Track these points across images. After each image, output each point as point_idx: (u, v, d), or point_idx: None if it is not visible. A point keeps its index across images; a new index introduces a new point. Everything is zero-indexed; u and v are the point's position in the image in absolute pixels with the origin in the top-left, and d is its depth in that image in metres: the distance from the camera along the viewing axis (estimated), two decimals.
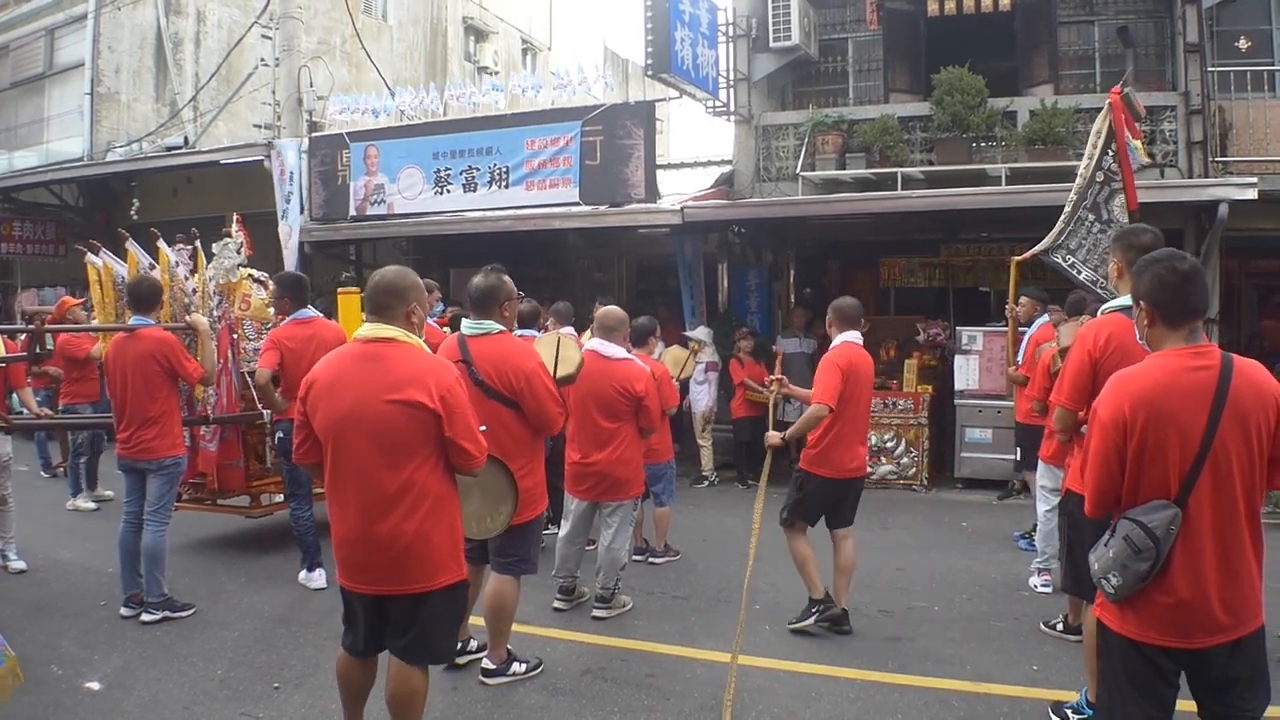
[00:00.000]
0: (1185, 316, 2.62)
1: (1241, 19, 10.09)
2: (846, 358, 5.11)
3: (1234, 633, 2.56)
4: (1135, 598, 2.59)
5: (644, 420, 5.46)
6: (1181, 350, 2.61)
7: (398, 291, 3.41)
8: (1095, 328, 3.67)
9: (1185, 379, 2.57)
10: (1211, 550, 2.54)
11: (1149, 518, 2.54)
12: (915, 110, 10.39)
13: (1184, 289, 2.61)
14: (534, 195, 10.78)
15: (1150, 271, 2.67)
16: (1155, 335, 2.69)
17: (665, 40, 9.63)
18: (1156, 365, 2.64)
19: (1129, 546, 2.55)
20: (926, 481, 9.55)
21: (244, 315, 6.97)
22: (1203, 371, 2.57)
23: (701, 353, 9.82)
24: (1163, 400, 2.56)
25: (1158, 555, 2.52)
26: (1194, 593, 2.53)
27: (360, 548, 3.31)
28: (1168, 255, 2.70)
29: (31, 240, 15.76)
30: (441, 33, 20.33)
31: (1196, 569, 2.54)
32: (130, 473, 5.58)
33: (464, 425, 3.35)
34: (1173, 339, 2.64)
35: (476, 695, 4.41)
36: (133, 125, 15.57)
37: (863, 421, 5.28)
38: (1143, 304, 2.69)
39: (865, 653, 4.94)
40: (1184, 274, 2.62)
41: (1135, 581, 2.56)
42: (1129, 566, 2.56)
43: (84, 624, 5.44)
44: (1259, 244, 10.00)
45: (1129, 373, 2.69)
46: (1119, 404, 2.60)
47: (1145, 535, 2.53)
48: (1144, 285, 2.68)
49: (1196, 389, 2.55)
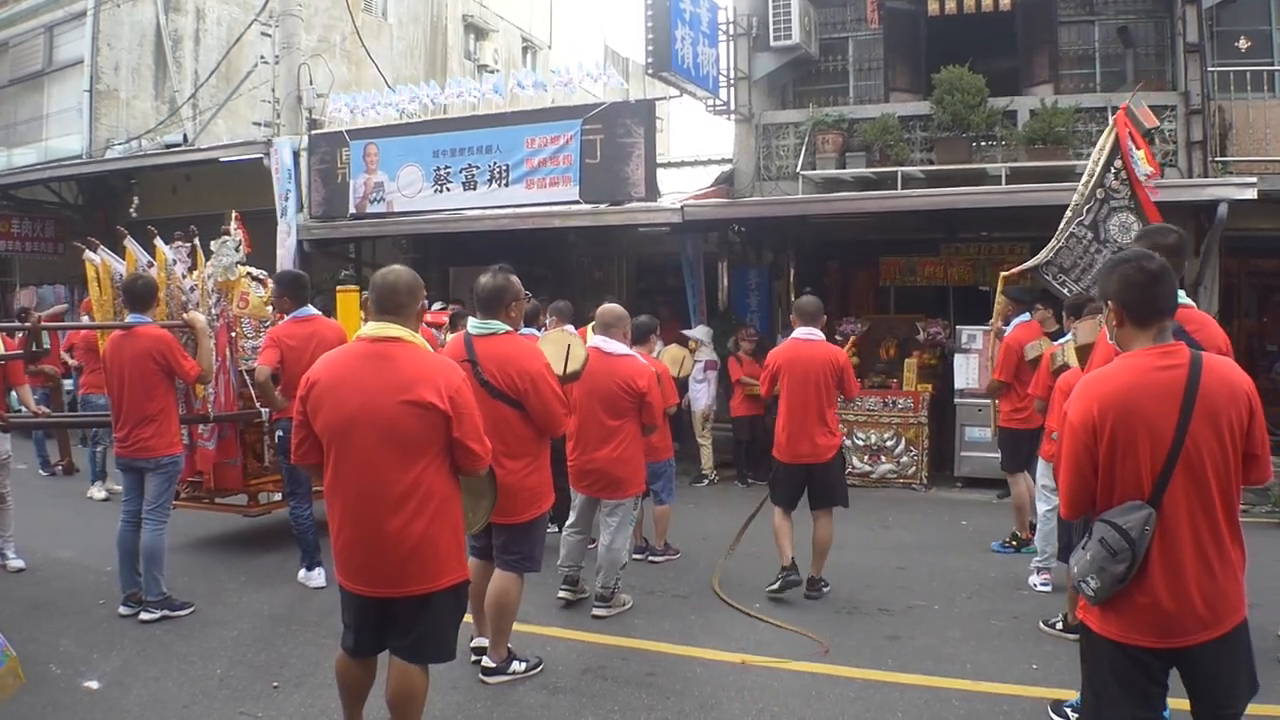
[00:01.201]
0: (1153, 317, 2.63)
1: (1241, 19, 10.09)
2: (781, 354, 5.78)
3: (1217, 629, 2.56)
4: (1116, 599, 2.59)
5: (647, 417, 5.48)
6: (1150, 350, 2.62)
7: (413, 291, 3.42)
8: None
9: (1154, 379, 2.57)
10: (1190, 548, 2.54)
11: (1123, 519, 2.55)
12: (915, 109, 10.40)
13: (1151, 289, 2.62)
14: (534, 194, 10.77)
15: (1118, 271, 2.68)
16: (1125, 335, 2.69)
17: (666, 39, 9.63)
18: (1125, 366, 2.65)
19: (1104, 549, 2.56)
20: (926, 480, 9.55)
21: (242, 313, 6.96)
22: (1171, 370, 2.57)
23: (700, 351, 9.82)
24: (1131, 401, 2.56)
25: (1134, 556, 2.52)
26: (1174, 592, 2.54)
27: (364, 549, 3.29)
28: (1136, 255, 2.71)
29: (30, 238, 15.73)
30: (441, 30, 20.30)
31: (1175, 568, 2.54)
32: (129, 471, 5.58)
33: (472, 426, 3.35)
34: (1141, 339, 2.64)
35: (477, 694, 4.40)
36: (132, 123, 15.54)
37: (810, 411, 5.64)
38: (1111, 304, 2.70)
39: (865, 651, 4.94)
40: (1152, 274, 2.62)
41: (1113, 584, 2.56)
42: (1105, 569, 2.56)
43: (83, 623, 5.43)
44: (1259, 244, 10.01)
45: (1097, 374, 2.71)
46: (1088, 406, 2.61)
47: (1120, 537, 2.53)
48: (1112, 285, 2.68)
49: (1165, 388, 2.56)
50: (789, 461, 5.74)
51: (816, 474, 5.72)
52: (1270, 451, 2.69)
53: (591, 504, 5.60)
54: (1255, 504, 8.15)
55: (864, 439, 9.71)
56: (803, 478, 5.75)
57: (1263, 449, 2.62)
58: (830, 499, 5.75)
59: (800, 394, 5.64)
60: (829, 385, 5.67)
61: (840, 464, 5.85)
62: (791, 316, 5.93)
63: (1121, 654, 2.62)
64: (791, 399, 5.67)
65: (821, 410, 5.67)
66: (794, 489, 5.79)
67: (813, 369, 5.64)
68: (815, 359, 5.67)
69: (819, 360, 5.66)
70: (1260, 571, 6.02)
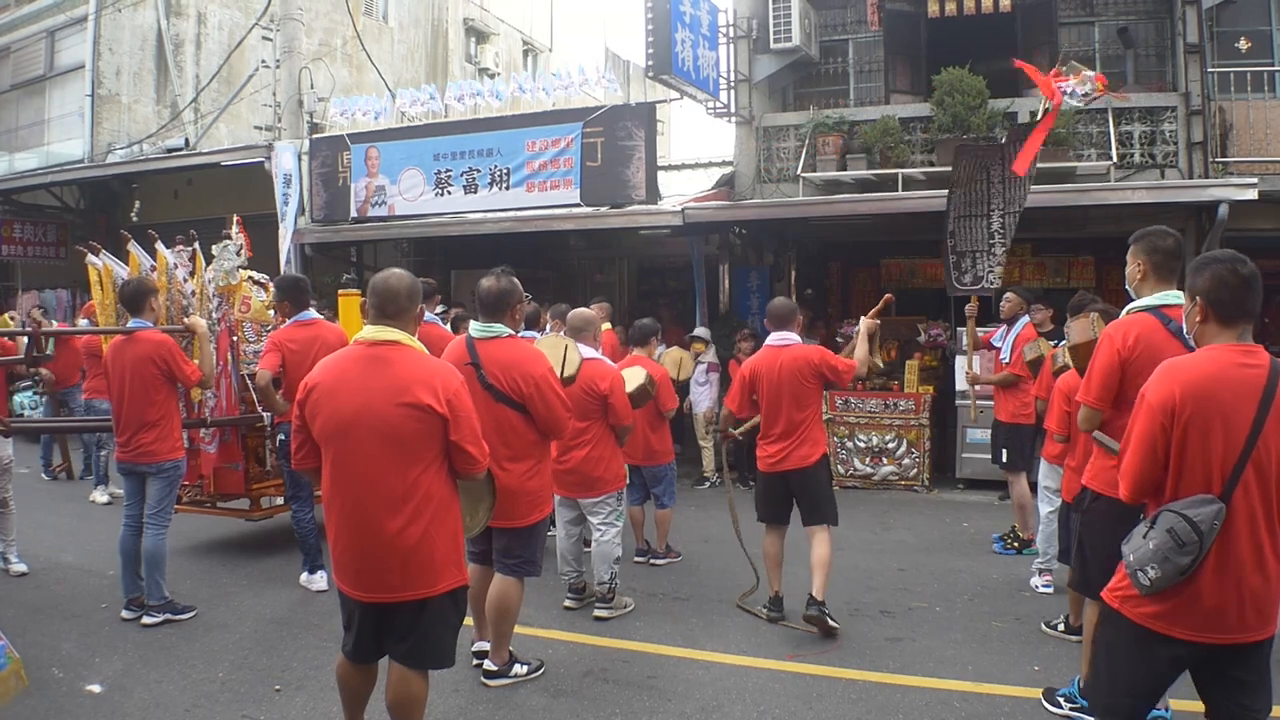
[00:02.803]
0: (1239, 318, 2.66)
1: (1241, 20, 10.09)
2: (748, 365, 5.51)
3: (1255, 634, 2.58)
4: (1171, 591, 2.59)
5: (612, 418, 5.48)
6: (1233, 347, 2.64)
7: (413, 295, 3.41)
8: (1123, 327, 3.63)
9: (1236, 374, 2.59)
10: (1247, 548, 2.55)
11: (1194, 511, 2.54)
12: (916, 111, 10.41)
13: (1242, 291, 2.65)
14: (535, 196, 10.78)
15: (1210, 270, 2.69)
16: (1206, 332, 2.71)
17: (666, 41, 9.64)
18: (1208, 357, 2.66)
19: (1173, 539, 2.55)
20: (928, 482, 9.54)
21: (244, 317, 6.97)
22: (1254, 370, 2.60)
23: (706, 353, 9.82)
24: (1213, 391, 2.58)
25: (1200, 549, 2.52)
26: (1223, 590, 2.54)
27: (362, 553, 3.28)
28: (1230, 256, 2.71)
29: (32, 242, 15.77)
30: (442, 34, 20.33)
31: (1229, 567, 2.55)
32: (130, 476, 5.58)
33: (469, 429, 3.35)
34: (1224, 337, 2.67)
35: (478, 697, 4.41)
36: (133, 127, 15.57)
37: (780, 419, 5.32)
38: (1199, 300, 2.71)
39: (867, 653, 4.94)
40: (1244, 277, 2.65)
41: (1175, 575, 2.56)
42: (1170, 559, 2.55)
43: (85, 626, 5.43)
44: (1259, 244, 9.95)
45: (1181, 361, 2.72)
46: (1170, 389, 2.61)
47: (1190, 529, 2.52)
48: (1203, 282, 2.69)
49: (1246, 385, 2.57)
50: (766, 470, 5.42)
51: (795, 483, 5.34)
52: None
53: (571, 506, 5.63)
54: None
55: (865, 441, 9.70)
56: (783, 488, 5.38)
57: None
58: (819, 514, 5.32)
59: (776, 402, 5.31)
60: (806, 391, 5.29)
61: (825, 474, 5.43)
62: (765, 321, 5.57)
63: (1154, 643, 2.63)
64: (769, 409, 5.36)
65: (800, 418, 5.29)
66: (777, 502, 5.44)
67: (786, 376, 5.27)
68: (788, 365, 5.29)
69: (791, 366, 5.29)
70: None
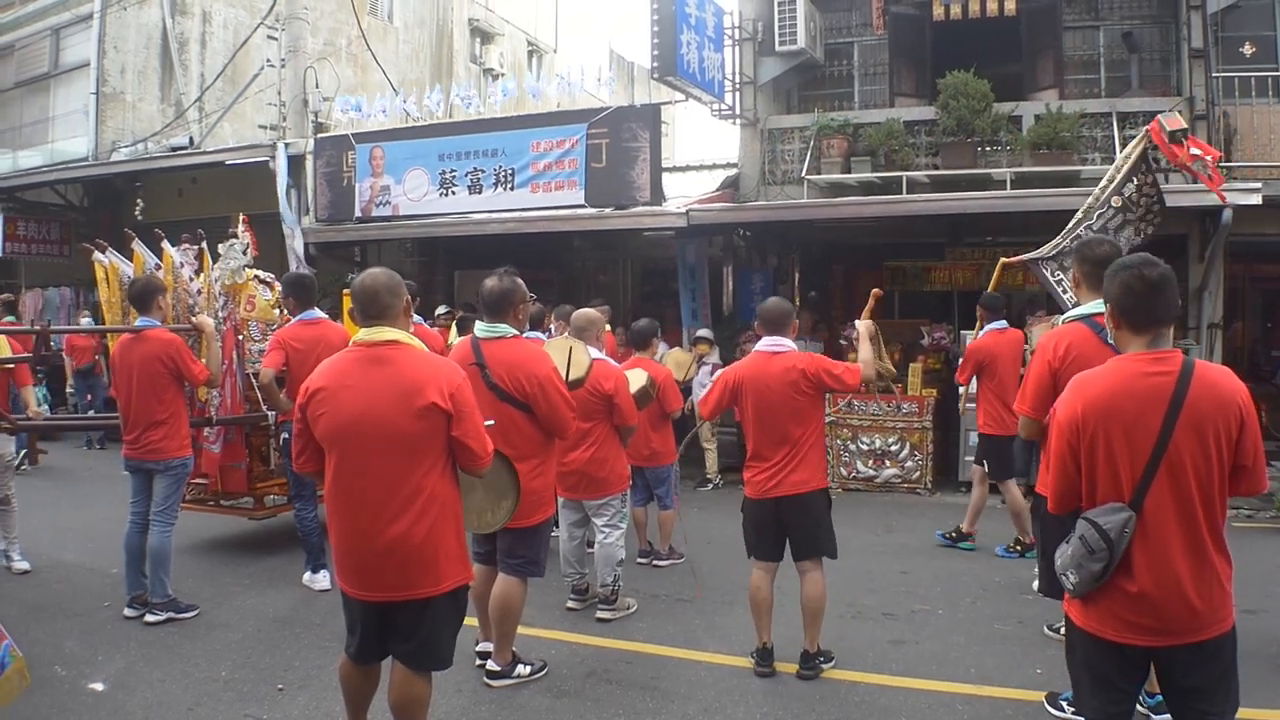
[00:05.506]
0: (1149, 324, 2.65)
1: (1246, 25, 10.08)
2: (734, 371, 4.77)
3: (1196, 635, 2.57)
4: (1099, 596, 2.65)
5: (618, 418, 5.48)
6: (1141, 355, 2.64)
7: (394, 290, 3.37)
8: (1055, 337, 3.70)
9: (1141, 384, 2.60)
10: (1177, 553, 2.56)
11: (1104, 519, 2.60)
12: (921, 114, 10.40)
13: (1149, 297, 2.63)
14: (539, 197, 10.79)
15: (1119, 277, 2.70)
16: (1120, 339, 2.74)
17: (671, 43, 9.64)
18: (1113, 369, 2.68)
19: (1084, 546, 2.62)
20: (931, 485, 9.53)
21: (249, 316, 6.98)
22: (1160, 377, 2.59)
23: (710, 354, 9.82)
24: (1113, 404, 2.60)
25: (1111, 556, 2.57)
26: (1156, 594, 2.56)
27: (366, 554, 3.28)
28: (1139, 262, 2.69)
29: (36, 240, 15.76)
30: (447, 34, 20.35)
31: (1160, 571, 2.56)
32: (137, 473, 5.59)
33: (472, 425, 3.35)
34: (1136, 344, 2.67)
35: (481, 697, 4.41)
36: (138, 125, 15.58)
37: (772, 438, 4.58)
38: (1109, 307, 2.73)
39: (869, 655, 4.94)
40: (1151, 282, 2.63)
41: (1091, 580, 2.63)
42: (1084, 565, 2.62)
43: (88, 625, 5.45)
44: (1264, 249, 10.00)
45: (1087, 376, 2.74)
46: (1074, 407, 2.66)
47: (1099, 536, 2.58)
48: (1113, 290, 2.71)
49: (1151, 394, 2.58)
50: (756, 497, 4.65)
51: (787, 512, 4.58)
52: (1265, 462, 2.68)
53: (575, 508, 5.63)
54: (1259, 509, 8.14)
55: (869, 444, 9.70)
56: (773, 517, 4.62)
57: (1253, 460, 2.61)
58: (813, 546, 4.62)
59: (764, 418, 4.58)
60: (803, 405, 4.55)
61: (824, 503, 4.66)
62: (755, 325, 4.93)
63: (1096, 647, 2.68)
64: (757, 425, 4.61)
65: (797, 435, 4.54)
66: (765, 531, 4.68)
67: (776, 388, 4.53)
68: (778, 375, 4.53)
69: (783, 377, 4.52)
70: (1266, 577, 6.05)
